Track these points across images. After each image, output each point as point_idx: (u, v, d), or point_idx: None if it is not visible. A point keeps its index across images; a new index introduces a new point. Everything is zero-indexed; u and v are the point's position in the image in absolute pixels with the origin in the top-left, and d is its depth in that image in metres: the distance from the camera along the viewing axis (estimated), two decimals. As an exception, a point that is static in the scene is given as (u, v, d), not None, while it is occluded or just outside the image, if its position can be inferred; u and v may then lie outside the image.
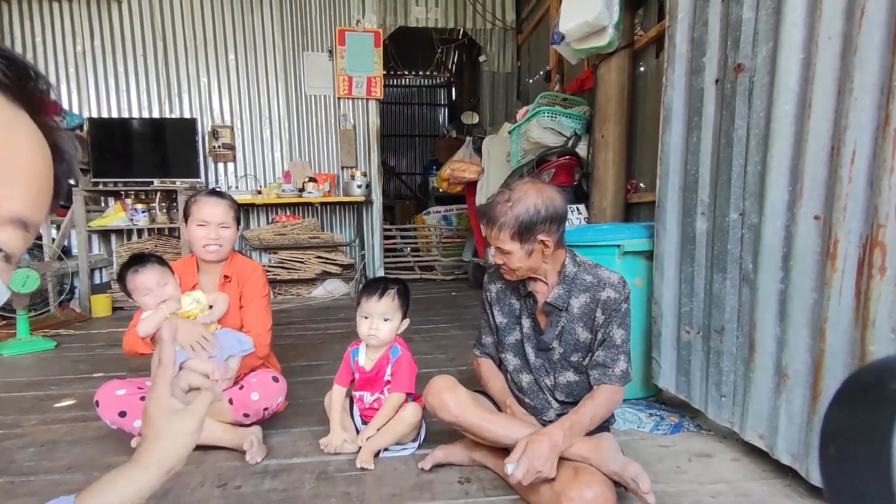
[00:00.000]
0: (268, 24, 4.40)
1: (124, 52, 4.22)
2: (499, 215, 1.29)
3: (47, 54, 4.14)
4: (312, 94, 4.53)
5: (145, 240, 4.13)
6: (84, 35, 4.17)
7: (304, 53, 4.47)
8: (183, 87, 4.33)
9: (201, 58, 4.33)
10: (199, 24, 4.31)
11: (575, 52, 2.54)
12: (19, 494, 1.35)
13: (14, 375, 2.41)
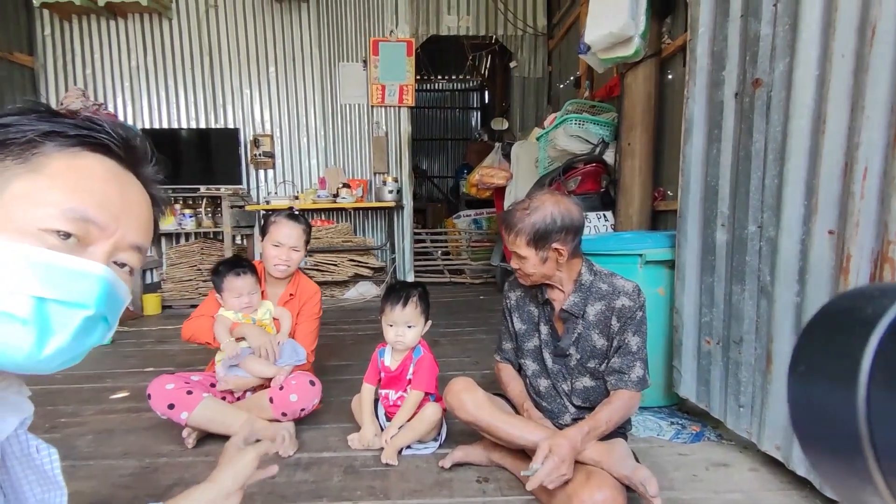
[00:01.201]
0: (306, 37, 4.58)
1: (174, 66, 4.49)
2: (517, 222, 1.36)
3: (104, 69, 4.46)
4: (347, 102, 4.69)
5: (192, 242, 4.38)
6: (138, 51, 4.47)
7: (339, 64, 4.64)
8: (227, 98, 4.57)
9: (244, 71, 4.56)
10: (243, 39, 4.53)
11: (601, 62, 2.56)
12: (79, 477, 1.50)
13: (74, 368, 2.59)
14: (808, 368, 0.29)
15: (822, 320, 0.30)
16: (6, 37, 4.08)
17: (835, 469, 0.27)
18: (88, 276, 0.51)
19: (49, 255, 0.48)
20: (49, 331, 0.49)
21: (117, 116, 4.29)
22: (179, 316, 3.82)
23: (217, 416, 1.67)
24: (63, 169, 0.51)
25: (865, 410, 0.24)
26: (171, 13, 4.42)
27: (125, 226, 0.55)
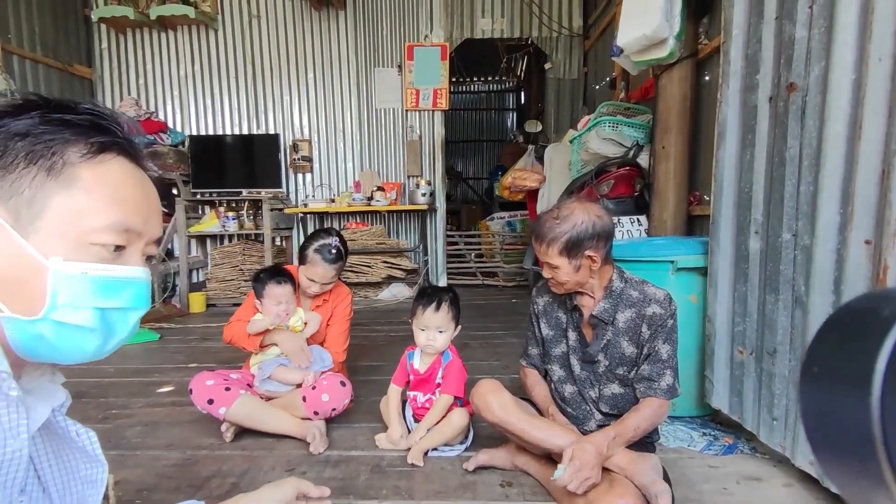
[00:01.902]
0: (343, 43, 4.70)
1: (219, 75, 4.71)
2: (547, 231, 1.36)
3: (156, 78, 4.71)
4: (382, 107, 4.78)
5: (234, 244, 4.57)
6: (186, 60, 4.70)
7: (375, 69, 4.73)
8: (268, 104, 4.75)
9: (284, 78, 4.72)
10: (283, 48, 4.70)
11: (635, 64, 2.53)
12: (128, 466, 1.61)
13: (124, 363, 2.80)
14: (821, 370, 0.29)
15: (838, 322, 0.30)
16: (67, 50, 4.38)
17: (847, 472, 0.27)
18: (136, 282, 0.57)
19: (104, 268, 0.54)
20: (112, 333, 0.57)
21: (167, 124, 4.53)
22: (222, 314, 4.00)
23: (253, 413, 1.75)
24: (94, 181, 0.54)
25: (880, 413, 0.23)
26: (217, 24, 4.63)
27: (152, 225, 0.60)
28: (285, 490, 0.86)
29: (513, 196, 4.80)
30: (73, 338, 0.53)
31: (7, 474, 0.53)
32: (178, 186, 4.39)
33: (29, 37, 3.95)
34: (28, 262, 0.51)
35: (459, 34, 4.83)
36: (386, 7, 4.70)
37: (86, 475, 0.66)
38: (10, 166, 0.51)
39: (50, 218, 0.51)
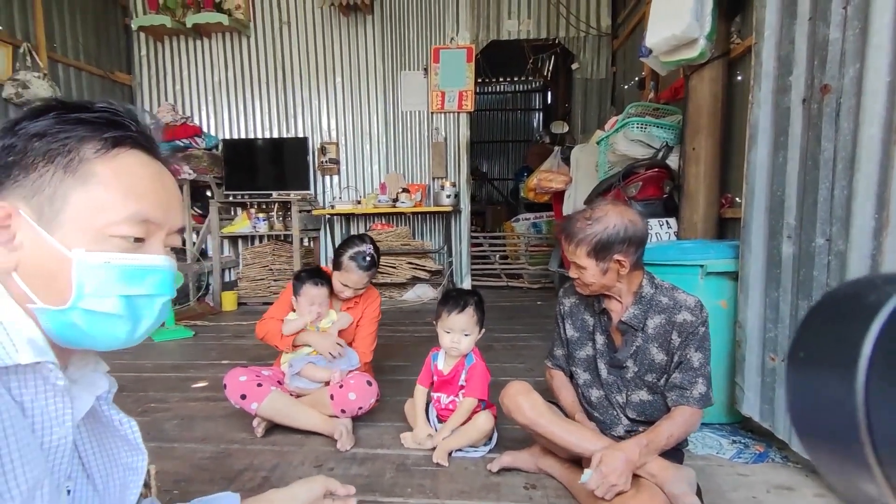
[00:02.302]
0: (370, 48, 4.77)
1: (251, 80, 4.84)
2: (577, 231, 1.35)
3: (192, 85, 4.88)
4: (408, 110, 4.83)
5: (264, 244, 4.69)
6: (220, 67, 4.85)
7: (401, 73, 4.79)
8: (297, 109, 4.86)
9: (313, 82, 4.82)
10: (312, 52, 4.80)
11: (664, 65, 2.49)
12: (166, 458, 1.68)
13: (162, 358, 2.91)
14: (808, 355, 0.29)
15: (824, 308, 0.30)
16: (109, 58, 4.58)
17: (831, 456, 0.27)
18: (158, 269, 0.60)
19: (125, 257, 0.56)
20: (139, 319, 0.59)
21: (202, 129, 4.67)
22: (253, 312, 4.11)
23: (283, 409, 1.81)
24: (110, 176, 0.56)
25: (864, 397, 0.24)
26: (249, 31, 4.76)
27: (172, 216, 0.63)
28: (314, 487, 0.90)
29: (538, 197, 4.78)
30: (104, 325, 0.56)
31: (54, 460, 0.57)
32: (211, 189, 4.53)
33: (73, 46, 4.15)
34: (54, 255, 0.54)
35: (485, 36, 4.84)
36: (412, 11, 4.74)
37: (127, 462, 0.70)
38: (30, 166, 0.54)
39: (70, 213, 0.54)
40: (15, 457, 0.50)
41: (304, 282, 1.97)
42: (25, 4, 3.71)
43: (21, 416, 0.53)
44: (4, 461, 0.49)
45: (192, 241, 4.39)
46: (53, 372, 0.55)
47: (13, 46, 3.54)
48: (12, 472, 0.50)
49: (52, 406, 0.56)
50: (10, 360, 0.51)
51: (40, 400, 0.55)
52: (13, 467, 0.50)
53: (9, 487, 0.49)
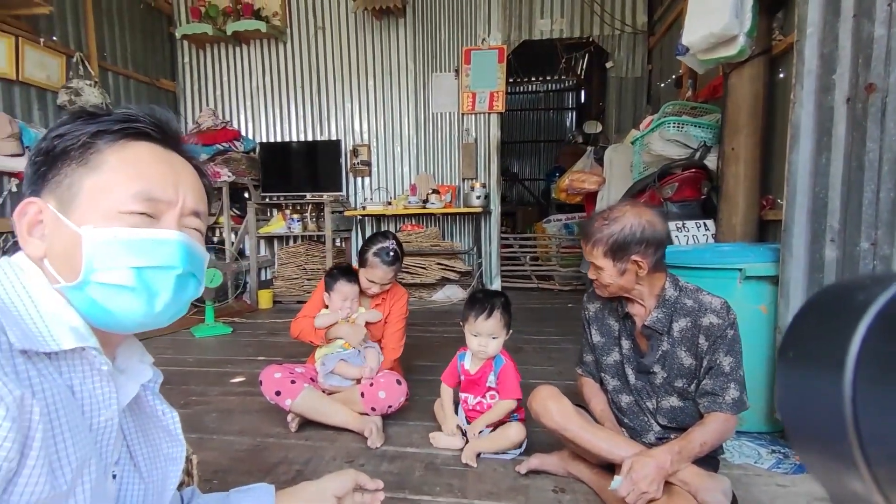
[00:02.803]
0: (402, 51, 4.83)
1: (287, 85, 4.97)
2: (594, 231, 1.34)
3: (231, 90, 5.05)
4: (438, 111, 4.86)
5: (298, 244, 4.81)
6: (257, 72, 5.00)
7: (433, 75, 4.82)
8: (331, 112, 4.96)
9: (346, 85, 4.91)
10: (346, 56, 4.89)
11: (702, 63, 2.43)
12: (206, 449, 1.75)
13: (202, 353, 3.03)
14: (797, 353, 0.29)
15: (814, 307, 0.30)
16: (154, 66, 4.79)
17: (819, 454, 0.27)
18: (168, 242, 0.61)
19: (132, 231, 0.59)
20: (155, 293, 0.60)
21: (240, 133, 4.83)
22: (288, 311, 4.22)
23: (315, 405, 1.86)
24: (118, 162, 0.60)
25: (851, 396, 0.24)
26: (286, 37, 4.89)
27: (183, 194, 0.64)
28: (344, 480, 0.93)
29: (570, 198, 4.73)
30: (119, 298, 0.59)
31: (101, 441, 0.61)
32: (249, 190, 4.68)
33: (122, 55, 4.36)
34: (70, 235, 0.58)
35: (517, 36, 4.82)
36: (444, 13, 4.77)
37: (168, 453, 0.73)
38: (54, 163, 0.60)
39: (84, 197, 0.59)
40: (67, 435, 0.54)
41: (337, 279, 2.04)
42: (78, 16, 3.92)
43: (71, 397, 0.57)
44: (57, 439, 0.53)
45: (230, 241, 4.55)
46: (98, 357, 0.59)
47: (67, 56, 3.75)
48: (64, 450, 0.54)
49: (99, 389, 0.60)
50: (57, 346, 0.55)
51: (88, 383, 0.59)
52: (65, 446, 0.54)
53: (61, 465, 0.53)
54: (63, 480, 0.53)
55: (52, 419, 0.53)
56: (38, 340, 0.54)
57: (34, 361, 0.53)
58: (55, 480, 0.52)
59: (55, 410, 0.53)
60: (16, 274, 0.58)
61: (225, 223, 4.53)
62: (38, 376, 0.53)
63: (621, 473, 1.25)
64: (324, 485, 0.92)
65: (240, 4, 4.66)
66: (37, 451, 0.50)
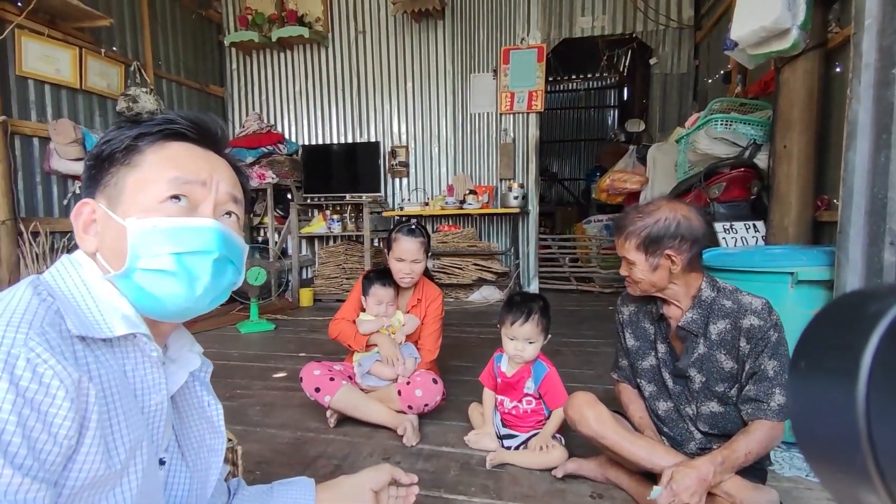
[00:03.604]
0: (440, 52, 4.86)
1: (328, 88, 5.10)
2: (628, 224, 1.32)
3: (276, 95, 5.22)
4: (476, 112, 4.86)
5: (338, 244, 4.92)
6: (300, 77, 5.15)
7: (471, 76, 4.83)
8: (370, 114, 5.05)
9: (385, 88, 4.99)
10: (385, 59, 4.97)
11: (751, 58, 2.33)
12: (249, 441, 1.82)
13: (247, 349, 3.15)
14: (809, 364, 0.29)
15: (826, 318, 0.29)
16: (205, 73, 5.01)
17: (832, 467, 0.26)
18: (204, 229, 0.65)
19: (171, 220, 0.63)
20: (195, 277, 0.63)
21: (284, 136, 4.99)
22: (327, 308, 4.33)
23: (353, 402, 1.90)
24: (156, 159, 0.65)
25: (865, 407, 0.24)
26: (328, 42, 5.02)
27: (218, 179, 0.68)
28: (381, 474, 0.95)
29: (611, 199, 4.63)
30: (162, 283, 0.62)
31: (152, 424, 0.65)
32: (291, 192, 4.83)
33: (175, 63, 4.59)
34: (117, 228, 0.62)
35: (557, 34, 4.76)
36: (483, 13, 4.77)
37: (210, 444, 0.77)
38: (103, 165, 0.65)
39: (127, 193, 0.64)
40: (121, 417, 0.58)
41: (373, 282, 2.07)
42: (136, 27, 4.16)
43: (125, 380, 0.61)
44: (112, 419, 0.57)
45: (273, 241, 4.70)
46: (148, 344, 0.63)
47: (125, 65, 3.98)
48: (119, 431, 0.58)
49: (150, 374, 0.64)
50: (110, 332, 0.59)
51: (139, 369, 0.63)
52: (120, 427, 0.58)
53: (115, 444, 0.57)
54: (117, 459, 0.57)
55: (107, 400, 0.57)
56: (94, 327, 0.58)
57: (92, 347, 0.58)
58: (110, 459, 0.56)
59: (110, 393, 0.57)
60: (75, 268, 0.63)
61: (269, 223, 4.69)
62: (95, 361, 0.57)
63: (661, 483, 1.22)
64: (361, 479, 0.95)
65: (284, 11, 4.82)
66: (93, 431, 0.54)
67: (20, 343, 0.49)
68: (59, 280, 0.61)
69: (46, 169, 3.38)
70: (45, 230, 3.23)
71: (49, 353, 0.50)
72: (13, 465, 0.46)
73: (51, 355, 0.50)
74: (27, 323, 0.51)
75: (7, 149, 3.06)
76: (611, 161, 5.25)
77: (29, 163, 3.32)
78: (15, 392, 0.47)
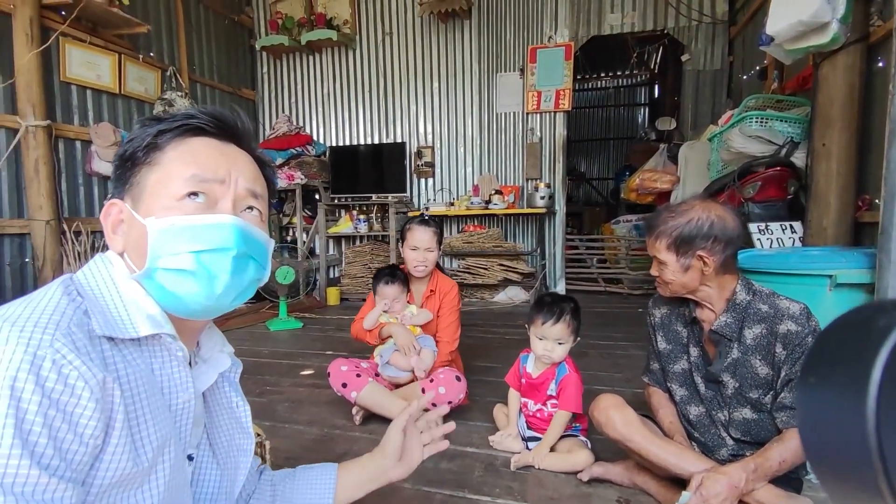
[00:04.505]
0: (467, 52, 4.86)
1: (355, 90, 5.16)
2: (659, 223, 1.30)
3: (304, 97, 5.32)
4: (503, 111, 4.84)
5: (364, 244, 4.97)
6: (328, 79, 5.23)
7: (497, 75, 4.81)
8: (397, 115, 5.09)
9: (412, 88, 5.02)
10: (412, 60, 5.00)
11: (788, 53, 2.25)
12: (278, 436, 1.86)
13: (276, 346, 3.22)
14: (818, 379, 0.29)
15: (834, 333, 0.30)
16: (237, 77, 5.14)
17: (843, 483, 0.26)
18: (222, 225, 0.63)
19: (188, 218, 0.63)
20: (213, 275, 0.63)
21: (312, 137, 5.08)
22: (354, 308, 4.37)
23: (378, 399, 1.92)
24: (174, 155, 0.64)
25: (875, 423, 0.24)
26: (355, 44, 5.08)
27: (236, 175, 0.67)
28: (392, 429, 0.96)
29: (641, 198, 4.55)
30: (183, 282, 0.62)
31: (180, 422, 0.66)
32: (319, 192, 4.91)
33: (209, 67, 4.72)
34: (139, 228, 0.63)
35: (585, 32, 4.70)
36: (510, 12, 4.74)
37: (240, 444, 0.78)
38: (126, 164, 0.65)
39: (148, 192, 0.64)
40: (148, 416, 0.59)
41: (378, 281, 2.14)
42: (172, 33, 4.30)
43: (152, 379, 0.62)
44: (140, 418, 0.58)
45: (302, 241, 4.79)
46: (173, 343, 0.64)
47: (161, 70, 4.12)
48: (146, 429, 0.58)
49: (177, 373, 0.65)
50: (136, 332, 0.60)
51: (166, 368, 0.64)
52: (147, 425, 0.59)
53: (143, 442, 0.58)
54: (145, 458, 0.58)
55: (134, 399, 0.58)
56: (119, 327, 0.59)
57: (119, 347, 0.59)
58: (138, 457, 0.57)
59: (138, 392, 0.58)
60: (106, 267, 0.64)
61: (298, 223, 4.77)
62: (123, 360, 0.58)
63: (690, 489, 1.20)
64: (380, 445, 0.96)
65: (313, 15, 4.90)
66: (119, 430, 0.55)
67: (46, 344, 0.50)
68: (90, 278, 0.63)
69: (88, 171, 3.52)
70: (86, 230, 3.38)
71: (74, 354, 0.51)
72: (40, 465, 0.47)
73: (76, 356, 0.51)
74: (54, 324, 0.52)
75: (52, 152, 3.20)
76: (640, 160, 5.16)
77: (72, 165, 3.47)
78: (41, 393, 0.48)
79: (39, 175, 3.11)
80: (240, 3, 5.16)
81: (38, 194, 3.11)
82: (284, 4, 5.04)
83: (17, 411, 0.47)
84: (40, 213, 3.11)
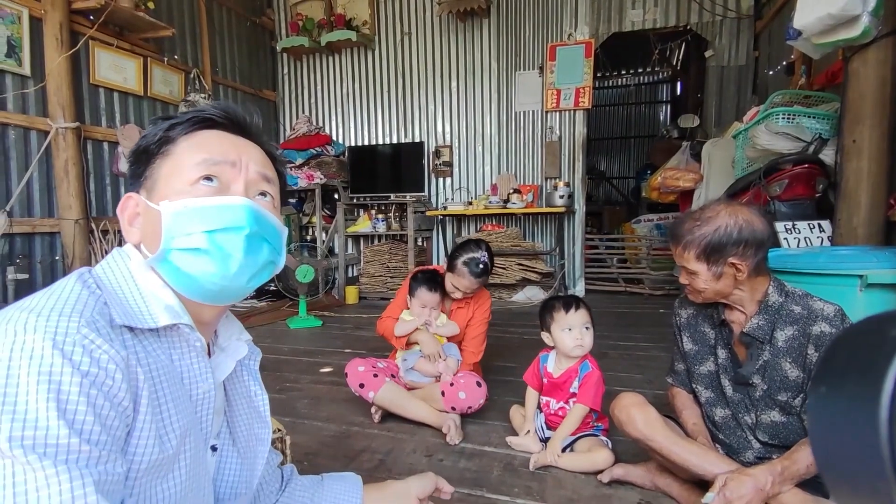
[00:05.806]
0: (485, 51, 4.85)
1: (374, 90, 5.20)
2: (685, 233, 1.26)
3: (324, 98, 5.37)
4: (521, 110, 4.81)
5: (382, 243, 5.00)
6: (347, 80, 5.27)
7: (516, 73, 4.79)
8: (415, 115, 5.10)
9: (430, 88, 5.03)
10: (430, 60, 5.01)
11: (817, 48, 2.19)
12: (298, 432, 1.88)
13: (296, 343, 3.26)
14: (829, 389, 0.28)
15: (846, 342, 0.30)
16: (259, 78, 5.22)
17: (855, 493, 0.26)
18: (233, 206, 0.65)
19: (201, 200, 0.64)
20: (227, 254, 0.63)
21: (331, 137, 5.12)
22: (372, 306, 4.41)
23: (396, 399, 1.93)
24: (186, 145, 0.66)
25: (888, 433, 0.23)
26: (374, 45, 5.11)
27: (247, 160, 0.68)
28: (426, 482, 0.98)
29: (663, 197, 4.48)
30: (197, 261, 0.63)
31: (200, 412, 0.67)
32: (338, 192, 4.95)
33: (231, 69, 4.81)
34: (154, 215, 0.64)
35: (606, 29, 4.64)
36: (529, 10, 4.72)
37: (258, 433, 0.79)
38: (141, 158, 0.67)
39: (161, 181, 0.66)
40: (170, 404, 0.60)
41: (420, 285, 2.07)
42: (196, 36, 4.38)
43: (172, 368, 0.63)
44: (162, 405, 0.59)
45: (321, 240, 4.84)
46: (191, 334, 0.65)
47: (185, 72, 4.20)
48: (168, 416, 0.60)
49: (196, 364, 0.66)
50: (154, 322, 0.61)
51: (185, 358, 0.65)
52: (169, 413, 0.60)
53: (166, 430, 0.59)
54: (169, 444, 0.59)
55: (155, 386, 0.59)
56: (138, 318, 0.61)
57: (139, 337, 0.60)
58: (163, 444, 0.58)
59: (159, 380, 0.59)
60: (123, 260, 0.66)
61: (317, 223, 4.82)
62: (143, 350, 0.59)
63: (713, 489, 1.17)
64: (408, 485, 0.96)
65: (333, 16, 4.94)
66: (143, 414, 0.56)
67: (73, 331, 0.52)
68: (107, 271, 0.64)
69: (115, 171, 3.62)
70: (113, 228, 3.47)
71: (102, 339, 0.53)
72: (90, 442, 0.50)
73: (103, 340, 0.53)
74: (78, 312, 0.54)
75: (80, 153, 3.30)
76: (662, 158, 5.07)
77: (99, 166, 3.57)
78: (80, 375, 0.50)
79: (69, 175, 3.20)
80: (261, 5, 5.24)
81: (68, 194, 3.20)
82: (305, 6, 5.10)
83: (57, 395, 0.49)
84: (70, 213, 3.21)
